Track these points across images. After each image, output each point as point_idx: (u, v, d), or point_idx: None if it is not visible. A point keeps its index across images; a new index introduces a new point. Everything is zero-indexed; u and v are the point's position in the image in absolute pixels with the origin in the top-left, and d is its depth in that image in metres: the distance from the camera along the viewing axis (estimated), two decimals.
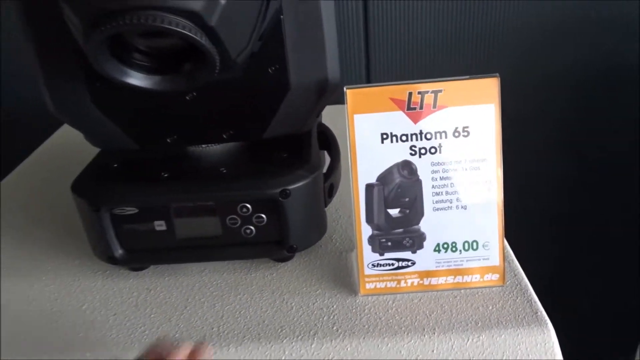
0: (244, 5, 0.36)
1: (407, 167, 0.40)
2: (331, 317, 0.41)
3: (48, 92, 0.43)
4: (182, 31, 0.32)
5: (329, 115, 0.55)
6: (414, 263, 0.42)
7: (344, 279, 0.45)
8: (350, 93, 0.39)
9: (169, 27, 0.32)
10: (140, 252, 0.45)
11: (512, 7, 0.84)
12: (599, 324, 1.11)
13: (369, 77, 0.89)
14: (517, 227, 0.64)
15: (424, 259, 0.42)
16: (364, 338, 0.38)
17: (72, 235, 0.53)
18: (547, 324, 0.38)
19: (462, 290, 0.42)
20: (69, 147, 0.73)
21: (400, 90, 0.39)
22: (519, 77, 0.88)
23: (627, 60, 0.89)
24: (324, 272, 0.46)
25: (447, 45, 0.87)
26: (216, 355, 0.39)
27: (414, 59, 0.88)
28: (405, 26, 0.85)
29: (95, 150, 0.49)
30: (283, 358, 0.38)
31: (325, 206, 0.47)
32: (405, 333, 0.39)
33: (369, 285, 0.42)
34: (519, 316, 0.39)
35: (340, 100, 0.42)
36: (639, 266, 1.03)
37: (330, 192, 0.48)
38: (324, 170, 0.47)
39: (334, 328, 0.40)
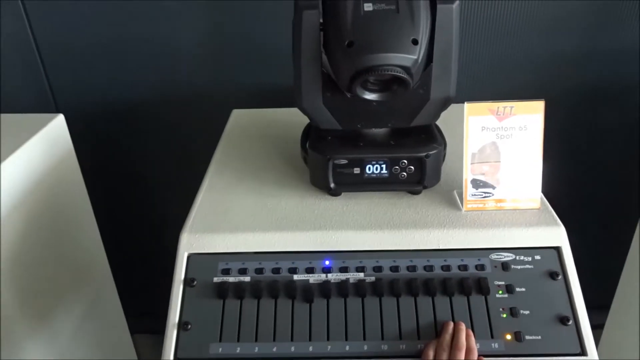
0: (422, 63, 0.74)
1: (493, 145, 0.79)
2: (452, 219, 0.79)
3: (301, 96, 0.81)
4: (402, 75, 0.70)
5: None
6: (493, 195, 0.80)
7: (452, 203, 0.83)
8: (468, 105, 0.77)
9: (397, 74, 0.70)
10: (344, 185, 0.84)
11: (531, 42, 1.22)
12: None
13: None
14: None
15: (499, 192, 0.80)
16: (470, 228, 0.77)
17: (280, 179, 0.92)
18: (561, 226, 0.77)
19: (518, 210, 0.80)
20: (240, 130, 1.12)
21: (493, 105, 0.77)
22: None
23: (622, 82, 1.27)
24: (440, 200, 0.84)
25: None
26: (390, 234, 0.77)
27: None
28: None
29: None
30: (429, 237, 0.77)
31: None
32: (491, 226, 0.77)
33: (469, 205, 0.81)
34: (547, 222, 0.78)
35: None
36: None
37: (444, 158, 0.86)
38: None
39: (453, 223, 0.78)
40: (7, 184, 0.98)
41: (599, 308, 1.13)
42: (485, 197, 0.80)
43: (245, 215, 0.82)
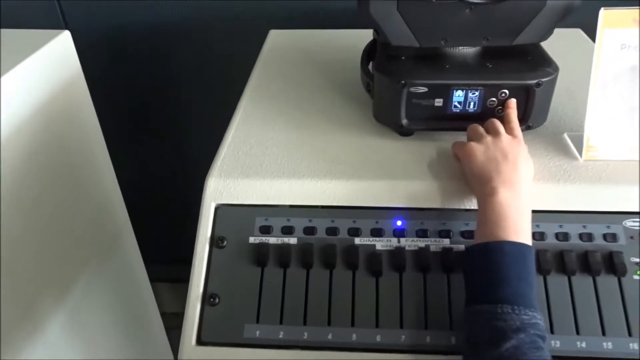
0: None
1: (633, 71, 0.57)
2: (568, 171, 0.59)
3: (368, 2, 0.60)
4: None
5: None
6: (627, 139, 0.59)
7: (565, 151, 0.62)
8: (605, 12, 0.55)
9: None
10: (419, 121, 0.64)
11: None
12: None
13: None
14: None
15: (636, 137, 0.59)
16: (594, 183, 0.57)
17: (332, 112, 0.72)
18: None
19: None
20: (279, 53, 0.92)
21: None
22: None
23: None
24: (547, 146, 0.63)
25: None
26: None
27: None
28: None
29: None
30: (537, 194, 0.57)
31: None
32: (624, 183, 0.57)
33: (591, 153, 0.60)
34: None
35: None
36: None
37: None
38: None
39: (570, 177, 0.58)
40: (4, 106, 0.82)
41: None
42: (614, 142, 0.60)
43: (288, 156, 0.63)
